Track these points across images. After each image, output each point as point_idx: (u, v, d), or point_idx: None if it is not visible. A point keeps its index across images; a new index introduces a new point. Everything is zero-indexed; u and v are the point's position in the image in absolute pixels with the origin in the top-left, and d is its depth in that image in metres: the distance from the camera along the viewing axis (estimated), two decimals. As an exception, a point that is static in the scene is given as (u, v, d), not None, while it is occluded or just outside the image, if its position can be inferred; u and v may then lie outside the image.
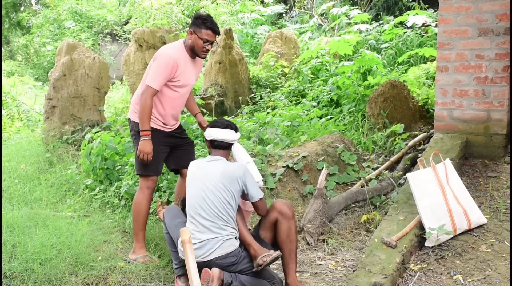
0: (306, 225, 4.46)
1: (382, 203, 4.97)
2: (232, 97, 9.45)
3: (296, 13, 19.33)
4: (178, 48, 4.08)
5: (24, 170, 6.98)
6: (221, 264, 3.29)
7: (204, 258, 3.30)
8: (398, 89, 6.52)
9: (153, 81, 3.94)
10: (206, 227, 3.33)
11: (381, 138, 6.34)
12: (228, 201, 3.35)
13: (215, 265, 3.29)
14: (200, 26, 3.98)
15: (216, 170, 3.41)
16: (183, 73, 4.05)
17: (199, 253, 3.30)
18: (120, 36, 18.20)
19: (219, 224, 3.32)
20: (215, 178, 3.38)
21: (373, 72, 8.37)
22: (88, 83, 8.32)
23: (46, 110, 8.32)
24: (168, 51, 4.04)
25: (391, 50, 10.57)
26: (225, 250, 3.31)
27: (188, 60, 4.09)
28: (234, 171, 3.39)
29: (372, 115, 6.71)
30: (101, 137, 6.14)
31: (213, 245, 3.30)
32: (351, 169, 5.70)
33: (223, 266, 3.29)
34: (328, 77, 9.50)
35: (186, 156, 4.27)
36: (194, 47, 4.03)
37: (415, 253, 3.81)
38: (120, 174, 6.08)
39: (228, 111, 9.27)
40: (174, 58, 3.97)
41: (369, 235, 4.40)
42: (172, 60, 3.95)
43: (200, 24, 3.98)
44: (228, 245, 3.32)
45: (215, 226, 3.32)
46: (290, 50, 11.41)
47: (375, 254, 3.63)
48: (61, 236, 4.28)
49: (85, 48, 8.83)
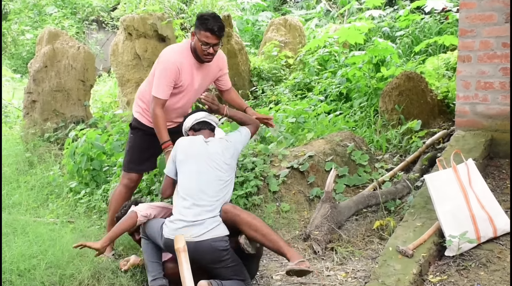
0: (313, 232, 4.45)
1: (397, 207, 4.94)
2: (236, 92, 9.43)
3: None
4: (183, 51, 4.14)
5: (2, 172, 6.97)
6: (216, 246, 3.41)
7: (197, 238, 3.40)
8: (414, 82, 6.50)
9: (158, 91, 4.09)
10: (203, 206, 3.51)
11: (396, 135, 6.32)
12: (228, 181, 3.69)
13: (208, 247, 3.39)
14: (200, 27, 3.99)
15: (216, 150, 3.72)
16: (186, 78, 4.12)
17: (192, 231, 3.41)
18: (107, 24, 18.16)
19: (217, 204, 3.55)
20: (218, 158, 3.69)
21: (387, 63, 8.35)
22: (72, 76, 8.32)
23: (26, 105, 8.32)
24: (172, 55, 4.11)
25: (407, 39, 10.54)
26: (221, 232, 3.47)
27: (193, 64, 4.14)
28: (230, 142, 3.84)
29: (385, 111, 6.69)
30: (86, 135, 6.14)
31: (210, 224, 3.45)
32: (362, 170, 5.68)
33: (218, 249, 3.42)
34: (337, 68, 9.48)
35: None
36: (196, 50, 4.06)
37: (434, 264, 3.79)
38: (107, 175, 6.08)
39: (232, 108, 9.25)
40: (177, 64, 4.05)
41: (383, 243, 4.37)
42: (174, 66, 4.05)
43: (200, 25, 4.00)
44: (223, 228, 3.51)
45: (214, 206, 3.54)
46: (295, 39, 11.39)
47: (390, 264, 3.61)
48: (42, 245, 4.28)
49: (69, 36, 8.84)
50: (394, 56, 8.44)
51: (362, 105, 7.67)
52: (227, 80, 4.50)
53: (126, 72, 9.13)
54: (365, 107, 7.55)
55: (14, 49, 20.13)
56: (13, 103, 11.23)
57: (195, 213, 3.50)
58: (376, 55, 8.16)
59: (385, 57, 8.31)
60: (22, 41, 19.31)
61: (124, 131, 6.71)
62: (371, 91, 7.63)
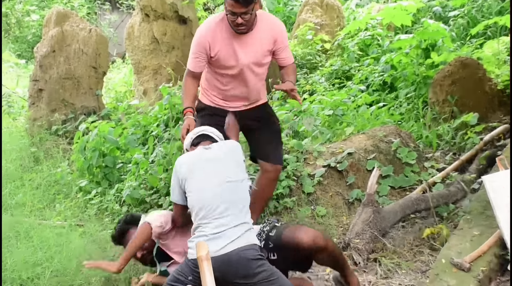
0: (353, 240, 4.41)
1: (450, 213, 4.89)
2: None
3: (340, -26, 19.22)
4: (217, 21, 4.14)
5: (4, 168, 7.06)
6: (244, 256, 3.30)
7: (219, 251, 3.29)
8: (470, 69, 6.43)
9: (188, 62, 4.28)
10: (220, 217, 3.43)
11: (449, 131, 6.26)
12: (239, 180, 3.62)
13: (235, 259, 3.29)
14: None
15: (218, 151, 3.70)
16: (222, 50, 4.10)
17: (212, 246, 3.30)
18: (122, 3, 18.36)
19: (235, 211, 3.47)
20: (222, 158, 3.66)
21: (438, 47, 8.26)
22: (82, 61, 8.40)
23: (32, 94, 8.43)
24: (203, 26, 4.21)
25: (462, 19, 10.40)
26: (248, 241, 3.38)
27: (232, 36, 4.09)
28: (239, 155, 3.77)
29: (436, 102, 6.63)
30: (98, 128, 6.19)
31: (232, 234, 3.36)
32: (409, 170, 5.63)
33: (247, 258, 3.30)
34: (380, 54, 9.43)
35: (262, 145, 4.50)
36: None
37: (495, 279, 3.73)
38: (121, 173, 6.13)
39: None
40: (205, 35, 4.11)
41: (434, 254, 4.33)
42: (202, 37, 4.12)
43: None
44: (251, 237, 3.41)
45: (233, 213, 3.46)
46: (332, 20, 11.35)
47: (442, 279, 3.57)
48: (48, 251, 4.31)
49: (79, 18, 8.92)
50: (446, 40, 8.33)
51: (409, 95, 7.61)
52: (286, 55, 4.33)
53: (143, 57, 9.19)
54: (413, 98, 7.49)
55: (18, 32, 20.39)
56: (17, 92, 11.39)
57: (213, 225, 3.42)
58: (426, 39, 8.08)
59: (436, 41, 8.22)
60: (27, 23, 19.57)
61: (140, 124, 6.74)
62: (420, 80, 7.58)
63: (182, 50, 9.05)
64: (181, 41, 9.11)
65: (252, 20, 4.01)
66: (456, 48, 8.88)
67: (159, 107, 6.69)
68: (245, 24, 3.97)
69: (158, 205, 5.36)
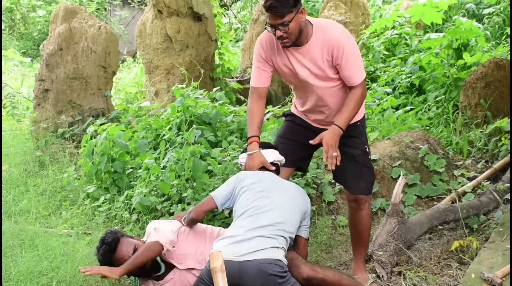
0: (376, 252, 4.42)
1: (481, 225, 4.88)
2: (279, 80, 9.46)
3: (366, -32, 19.19)
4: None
5: (7, 173, 7.14)
6: (265, 270, 3.35)
7: (241, 257, 3.36)
8: (505, 71, 6.42)
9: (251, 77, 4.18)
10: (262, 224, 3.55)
11: (481, 137, 6.25)
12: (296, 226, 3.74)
13: (255, 270, 3.35)
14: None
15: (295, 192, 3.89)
16: (279, 61, 4.03)
17: (239, 248, 3.39)
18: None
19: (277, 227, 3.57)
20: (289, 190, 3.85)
21: (471, 47, 8.25)
22: (91, 60, 8.48)
23: (37, 94, 8.51)
24: (263, 34, 4.09)
25: (498, 17, 10.38)
26: (273, 255, 3.42)
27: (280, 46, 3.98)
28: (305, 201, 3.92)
29: (468, 106, 6.62)
30: (107, 131, 6.23)
31: (261, 243, 3.43)
32: (437, 179, 5.63)
33: (268, 273, 3.34)
34: (408, 54, 9.42)
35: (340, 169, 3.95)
36: None
37: (527, 295, 3.73)
38: (131, 179, 6.16)
39: (274, 99, 9.31)
40: (264, 44, 4.02)
41: (463, 268, 4.32)
42: (260, 47, 4.04)
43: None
44: (278, 253, 3.46)
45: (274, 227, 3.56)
46: (357, 18, 11.35)
47: (471, 294, 3.58)
48: (53, 260, 4.36)
49: (88, 14, 9.00)
50: (480, 39, 8.32)
51: (439, 99, 7.60)
52: (347, 75, 3.87)
53: (155, 56, 9.24)
54: (442, 102, 7.49)
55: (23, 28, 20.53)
56: (22, 93, 11.46)
57: (249, 228, 3.51)
58: (458, 38, 8.08)
59: (469, 41, 8.22)
60: (33, 19, 19.67)
61: (152, 127, 6.79)
62: (450, 83, 7.57)
63: (196, 49, 9.11)
64: (195, 39, 9.16)
65: (294, 32, 3.78)
66: (491, 48, 8.86)
67: (172, 109, 6.72)
68: (286, 37, 3.79)
69: (170, 213, 5.39)
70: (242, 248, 3.40)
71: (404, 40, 9.98)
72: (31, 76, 13.47)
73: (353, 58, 3.82)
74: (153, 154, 6.32)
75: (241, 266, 3.35)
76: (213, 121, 6.47)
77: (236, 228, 3.56)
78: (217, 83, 9.13)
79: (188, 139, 5.93)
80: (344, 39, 3.81)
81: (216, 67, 9.47)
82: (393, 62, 9.26)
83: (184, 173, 5.56)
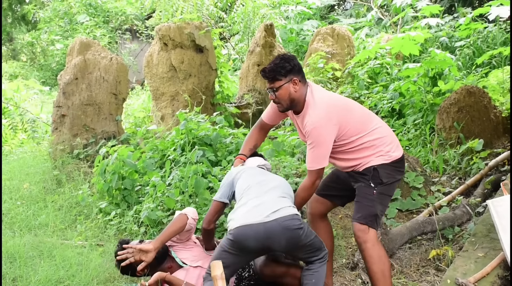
0: (361, 261, 4.42)
1: (456, 235, 4.89)
2: (273, 105, 9.47)
3: (350, 5, 19.35)
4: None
5: (28, 190, 7.14)
6: (287, 226, 3.41)
7: (265, 219, 3.43)
8: (476, 97, 6.44)
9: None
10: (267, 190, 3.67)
11: (455, 156, 6.26)
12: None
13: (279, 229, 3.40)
14: None
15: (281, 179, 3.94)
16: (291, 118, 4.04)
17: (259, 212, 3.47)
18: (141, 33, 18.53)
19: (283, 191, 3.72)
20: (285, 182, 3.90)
21: (445, 76, 8.29)
22: (103, 88, 8.50)
23: (55, 119, 8.51)
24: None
25: (468, 49, 10.44)
26: (290, 211, 3.50)
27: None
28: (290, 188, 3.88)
29: (443, 128, 6.63)
30: (118, 152, 6.23)
31: (275, 203, 3.52)
32: (416, 194, 5.63)
33: (290, 228, 3.41)
34: (389, 82, 9.45)
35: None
36: None
37: (498, 299, 3.72)
38: (139, 196, 6.16)
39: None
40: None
41: (440, 274, 4.33)
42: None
43: None
44: (294, 209, 3.57)
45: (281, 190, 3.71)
46: (343, 49, 11.40)
47: (447, 298, 3.57)
48: (69, 269, 4.35)
49: (101, 47, 9.04)
50: (453, 69, 8.36)
51: (417, 122, 7.62)
52: (307, 155, 3.77)
53: (161, 84, 9.26)
54: (420, 125, 7.50)
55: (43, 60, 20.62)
56: (41, 118, 11.48)
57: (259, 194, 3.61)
58: (433, 68, 8.12)
59: (443, 70, 8.26)
60: (52, 52, 19.74)
61: (158, 148, 6.81)
62: (427, 107, 7.59)
63: (198, 77, 9.13)
64: (197, 69, 9.19)
65: (284, 98, 3.77)
66: (462, 77, 8.91)
67: (176, 132, 6.73)
68: (278, 102, 3.81)
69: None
70: (262, 211, 3.47)
71: (385, 69, 10.01)
72: (49, 103, 13.49)
73: (313, 147, 3.68)
74: (159, 172, 6.31)
75: (265, 227, 3.40)
76: (213, 143, 6.47)
77: (247, 199, 3.61)
78: (217, 108, 9.14)
79: (191, 159, 5.95)
80: (313, 129, 3.66)
81: (216, 93, 9.48)
82: (375, 89, 9.28)
83: (187, 190, 5.56)
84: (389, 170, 3.77)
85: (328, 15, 18.32)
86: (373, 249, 3.71)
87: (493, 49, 9.33)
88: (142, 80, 16.39)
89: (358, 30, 14.49)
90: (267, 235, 3.39)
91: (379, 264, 3.69)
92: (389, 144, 3.82)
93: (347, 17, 17.89)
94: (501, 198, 4.05)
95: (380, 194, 3.77)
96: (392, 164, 3.78)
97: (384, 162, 3.76)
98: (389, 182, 3.78)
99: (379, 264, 3.69)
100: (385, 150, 3.79)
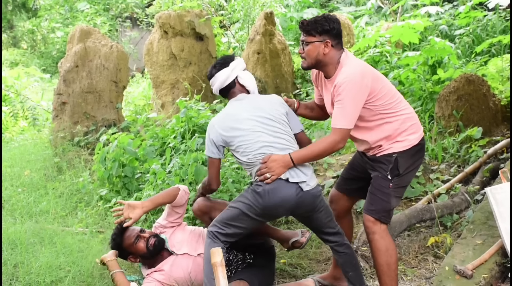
0: (361, 248, 4.43)
1: (454, 223, 4.89)
2: (273, 93, 9.45)
3: (350, -7, 19.24)
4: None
5: (29, 177, 7.14)
6: (314, 194, 3.58)
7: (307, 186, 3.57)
8: (475, 85, 6.42)
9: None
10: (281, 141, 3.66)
11: (453, 144, 6.24)
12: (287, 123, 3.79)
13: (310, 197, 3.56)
14: None
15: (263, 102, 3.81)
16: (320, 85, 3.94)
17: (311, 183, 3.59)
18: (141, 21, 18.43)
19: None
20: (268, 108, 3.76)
21: (444, 64, 8.25)
22: (104, 76, 8.48)
23: (55, 107, 8.51)
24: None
25: (467, 38, 10.39)
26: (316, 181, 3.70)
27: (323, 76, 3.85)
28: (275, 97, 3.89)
29: (442, 117, 6.62)
30: (118, 140, 6.23)
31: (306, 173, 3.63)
32: (415, 182, 5.62)
33: (316, 195, 3.59)
34: (388, 70, 9.40)
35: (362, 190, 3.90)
36: None
37: (496, 286, 3.73)
38: (140, 183, 6.16)
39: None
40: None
41: (438, 261, 4.33)
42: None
43: None
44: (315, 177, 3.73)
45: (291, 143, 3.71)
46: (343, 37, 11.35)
47: (446, 285, 3.58)
48: (70, 255, 4.36)
49: (101, 34, 9.00)
50: (452, 57, 8.33)
51: (416, 110, 7.59)
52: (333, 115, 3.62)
53: (161, 72, 9.25)
54: (419, 113, 7.47)
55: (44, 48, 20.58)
56: (42, 105, 11.46)
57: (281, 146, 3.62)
58: (432, 56, 8.08)
59: (443, 58, 8.22)
60: (52, 39, 19.72)
61: (158, 135, 6.80)
62: (426, 95, 7.56)
63: (198, 65, 9.12)
64: (197, 57, 9.18)
65: (310, 55, 3.68)
66: (462, 65, 8.86)
67: (176, 120, 6.72)
68: (303, 57, 3.72)
69: (175, 213, 5.38)
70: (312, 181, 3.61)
71: (385, 58, 9.96)
72: (50, 91, 13.49)
73: (342, 103, 3.50)
74: (159, 160, 6.31)
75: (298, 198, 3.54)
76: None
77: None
78: (217, 96, 9.12)
79: (191, 147, 5.94)
80: (345, 82, 3.49)
81: (216, 82, 9.46)
82: (375, 77, 9.24)
83: (187, 177, 5.55)
84: (409, 157, 3.63)
85: (328, 3, 18.23)
86: (381, 241, 3.63)
87: (493, 38, 9.29)
88: (142, 68, 16.33)
89: (357, 19, 14.42)
90: (298, 205, 3.54)
91: (386, 256, 3.63)
92: (414, 123, 3.68)
93: (346, 5, 17.80)
94: (499, 185, 4.05)
95: (396, 186, 3.65)
96: (413, 149, 3.64)
97: (405, 148, 3.61)
98: (407, 171, 3.66)
99: (386, 256, 3.63)
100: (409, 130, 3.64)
